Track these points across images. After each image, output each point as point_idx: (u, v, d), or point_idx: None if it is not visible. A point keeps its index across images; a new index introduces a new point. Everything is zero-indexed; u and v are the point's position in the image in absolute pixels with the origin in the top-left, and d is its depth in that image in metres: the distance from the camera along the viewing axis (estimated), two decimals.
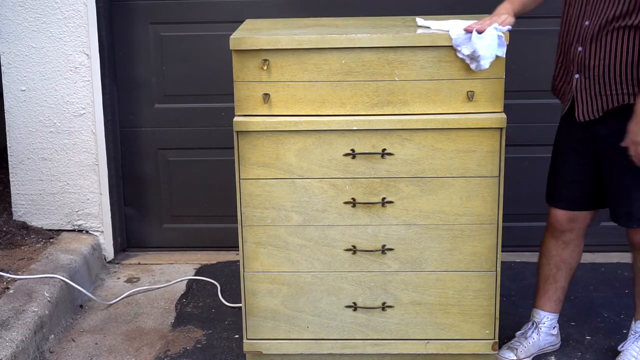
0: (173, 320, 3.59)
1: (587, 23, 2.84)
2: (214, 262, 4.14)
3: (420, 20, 3.05)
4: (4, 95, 3.99)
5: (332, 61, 2.85)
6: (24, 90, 3.97)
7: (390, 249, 2.98)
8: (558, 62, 3.01)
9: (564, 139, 3.05)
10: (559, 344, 3.27)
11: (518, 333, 3.24)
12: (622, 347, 3.12)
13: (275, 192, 2.95)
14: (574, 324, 3.46)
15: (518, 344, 3.18)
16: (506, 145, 2.89)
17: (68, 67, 3.93)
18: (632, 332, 3.12)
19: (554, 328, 3.23)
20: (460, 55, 2.81)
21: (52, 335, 3.40)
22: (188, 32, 4.05)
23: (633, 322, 3.12)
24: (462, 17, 3.12)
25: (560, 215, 3.07)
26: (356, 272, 3.01)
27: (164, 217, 4.26)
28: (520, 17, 3.91)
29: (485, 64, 2.80)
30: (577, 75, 2.88)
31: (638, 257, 3.05)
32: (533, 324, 3.21)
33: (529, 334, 3.20)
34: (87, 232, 4.12)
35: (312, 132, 2.89)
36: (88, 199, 4.08)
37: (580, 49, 2.86)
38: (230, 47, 2.85)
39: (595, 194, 3.03)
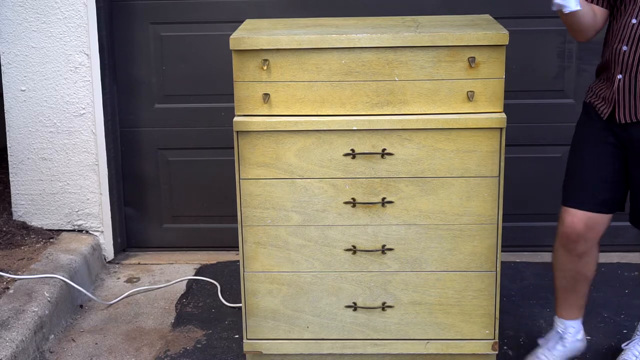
0: (173, 320, 3.59)
1: (634, 21, 2.74)
2: (214, 262, 4.14)
3: None
4: (4, 95, 3.99)
5: (332, 61, 2.85)
6: (24, 90, 3.97)
7: (390, 249, 2.98)
8: (601, 70, 2.91)
9: (593, 139, 2.89)
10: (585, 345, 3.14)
11: (541, 341, 3.10)
12: (627, 345, 3.09)
13: (275, 192, 2.95)
14: None
15: (544, 357, 3.05)
16: (506, 145, 2.89)
17: (68, 67, 3.93)
18: (638, 333, 3.09)
19: (579, 333, 3.09)
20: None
21: (52, 335, 3.40)
22: (188, 32, 4.05)
23: (639, 323, 3.11)
24: (465, 17, 3.12)
25: (577, 221, 2.89)
26: (356, 272, 3.01)
27: (164, 217, 4.26)
28: (520, 16, 3.93)
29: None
30: (619, 76, 2.77)
31: None
32: (557, 334, 3.07)
33: (554, 346, 3.06)
34: (87, 232, 4.12)
35: (312, 132, 2.89)
36: (88, 199, 4.08)
37: (625, 48, 2.75)
38: (230, 47, 2.84)
39: (620, 197, 2.92)
